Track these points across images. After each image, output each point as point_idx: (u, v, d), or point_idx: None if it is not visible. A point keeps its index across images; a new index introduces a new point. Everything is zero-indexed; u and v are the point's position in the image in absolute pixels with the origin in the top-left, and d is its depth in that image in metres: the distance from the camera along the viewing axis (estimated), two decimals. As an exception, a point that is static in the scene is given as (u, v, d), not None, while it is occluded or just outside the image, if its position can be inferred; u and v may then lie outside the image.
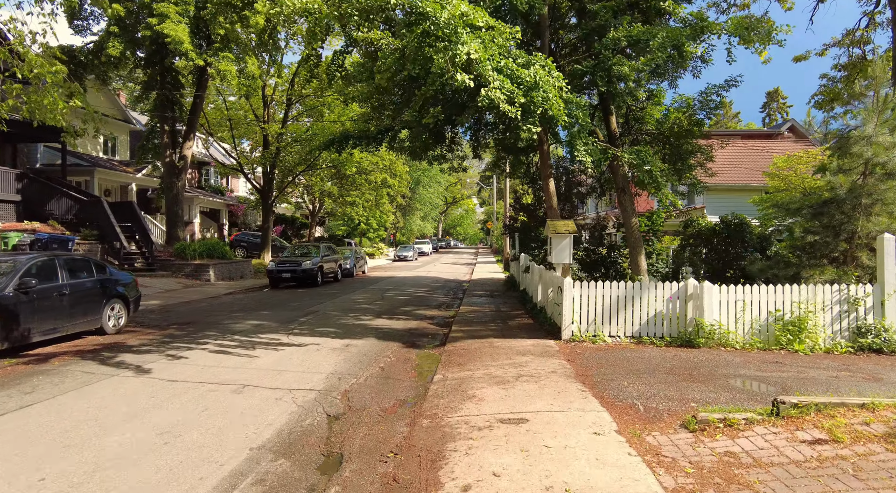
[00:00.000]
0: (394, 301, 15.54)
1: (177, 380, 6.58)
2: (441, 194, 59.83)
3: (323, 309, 13.51)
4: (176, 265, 20.78)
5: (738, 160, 29.02)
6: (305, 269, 19.54)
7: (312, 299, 15.74)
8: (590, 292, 9.06)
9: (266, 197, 27.43)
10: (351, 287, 19.88)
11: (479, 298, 16.25)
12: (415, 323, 11.52)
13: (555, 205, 11.80)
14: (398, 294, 17.56)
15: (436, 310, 13.85)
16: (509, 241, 24.33)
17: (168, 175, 22.64)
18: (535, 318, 11.64)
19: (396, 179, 34.87)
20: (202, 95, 23.44)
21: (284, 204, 33.44)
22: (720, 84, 13.86)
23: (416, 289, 19.44)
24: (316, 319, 11.87)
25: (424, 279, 24.29)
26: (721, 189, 25.76)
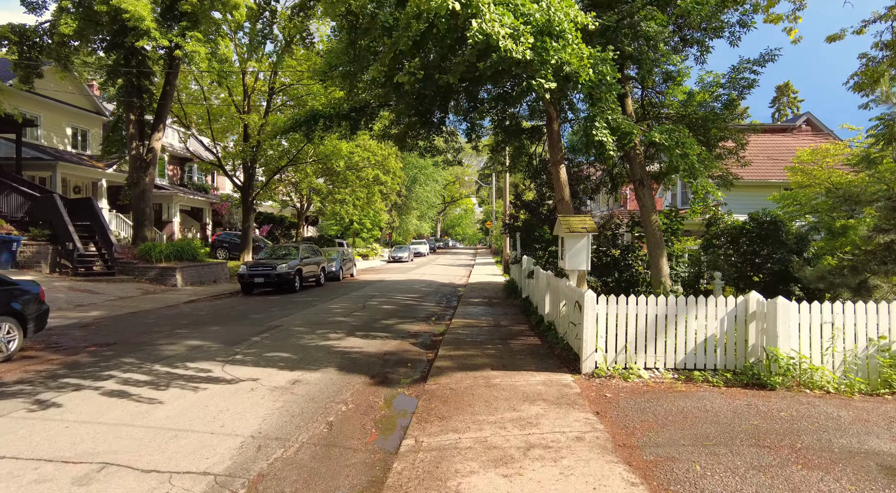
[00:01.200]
0: (376, 312, 13.21)
1: (2, 456, 4.26)
2: (438, 193, 57.48)
3: (288, 323, 11.19)
4: (139, 269, 18.45)
5: (752, 155, 26.48)
6: (280, 273, 17.21)
7: (282, 309, 13.42)
8: (619, 310, 6.75)
9: (247, 194, 25.11)
10: (332, 293, 17.55)
11: (476, 307, 13.92)
12: (394, 344, 9.20)
13: (567, 197, 9.50)
14: (383, 302, 15.23)
15: (423, 324, 11.53)
16: (509, 241, 22.00)
17: (135, 169, 20.31)
18: (543, 337, 9.33)
19: (390, 175, 32.54)
20: (174, 81, 21.11)
21: (269, 201, 31.12)
22: (755, 59, 11.60)
23: (405, 295, 17.11)
24: (273, 338, 9.54)
25: (417, 283, 21.96)
26: (738, 185, 23.48)
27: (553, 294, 9.73)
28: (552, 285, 9.80)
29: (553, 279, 9.71)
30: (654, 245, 10.41)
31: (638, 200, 11.02)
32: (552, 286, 9.81)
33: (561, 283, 8.58)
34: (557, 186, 9.46)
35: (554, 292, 9.60)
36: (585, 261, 8.40)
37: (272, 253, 19.33)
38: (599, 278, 14.25)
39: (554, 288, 9.56)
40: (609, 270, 14.17)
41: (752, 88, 11.98)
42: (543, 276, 10.86)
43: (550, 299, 10.11)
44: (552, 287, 9.81)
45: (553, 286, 9.67)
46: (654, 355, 6.71)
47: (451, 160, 18.92)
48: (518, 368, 7.04)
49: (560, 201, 9.42)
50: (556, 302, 9.30)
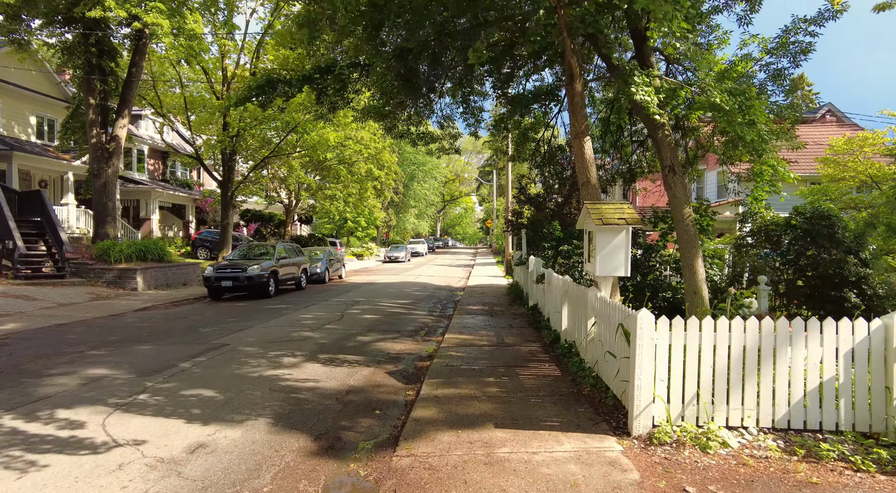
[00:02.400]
0: (354, 323, 10.89)
1: None
2: (437, 190, 55.10)
3: (239, 340, 8.87)
4: (95, 270, 16.16)
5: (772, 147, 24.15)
6: (251, 275, 14.89)
7: (243, 320, 11.11)
8: (687, 339, 4.43)
9: (226, 188, 22.80)
10: (311, 299, 15.22)
11: (475, 316, 11.60)
12: (364, 374, 6.87)
13: (593, 179, 7.18)
14: (366, 311, 12.90)
15: (409, 340, 9.20)
16: (512, 240, 19.67)
17: (95, 160, 18.02)
18: (562, 363, 7.02)
19: (384, 170, 30.24)
20: (140, 62, 18.81)
21: (255, 198, 28.81)
22: (811, 17, 9.33)
23: (394, 302, 14.78)
24: (208, 363, 7.23)
25: (410, 287, 19.63)
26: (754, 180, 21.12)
27: (574, 307, 7.40)
28: (572, 295, 7.48)
29: (574, 288, 7.38)
30: (688, 244, 8.12)
31: (668, 189, 8.70)
32: (572, 296, 7.49)
33: (589, 294, 6.25)
34: (581, 165, 7.13)
35: (575, 303, 7.28)
36: (624, 264, 6.07)
37: (246, 253, 17.01)
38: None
39: (575, 299, 7.23)
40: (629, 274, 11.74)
41: (807, 54, 9.65)
42: (559, 282, 8.53)
43: (570, 312, 7.78)
44: (572, 298, 7.49)
45: (574, 297, 7.34)
46: (742, 408, 4.39)
47: (447, 148, 16.63)
48: (534, 423, 4.71)
49: (585, 185, 7.10)
50: (579, 317, 6.98)
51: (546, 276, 10.10)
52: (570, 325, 7.76)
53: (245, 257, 16.72)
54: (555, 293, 9.16)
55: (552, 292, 9.50)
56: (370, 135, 28.68)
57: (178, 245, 27.91)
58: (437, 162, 49.87)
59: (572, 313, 7.60)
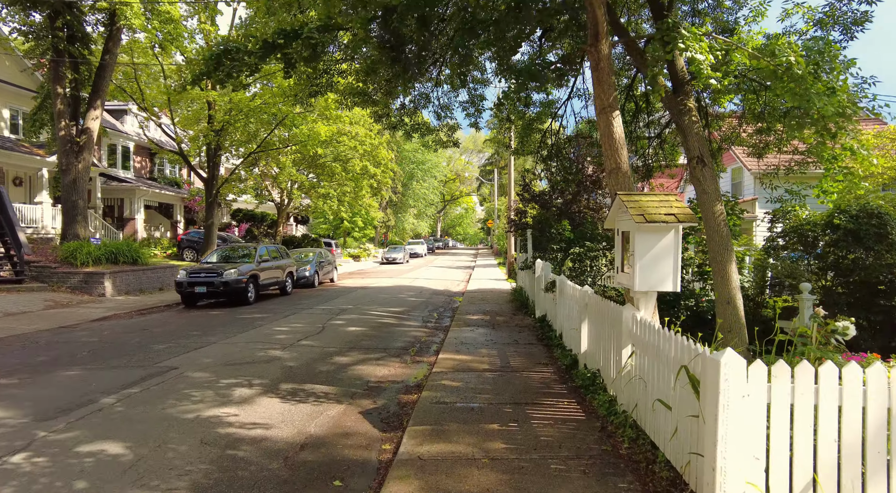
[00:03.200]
0: (334, 339, 9.35)
1: None
2: (437, 190, 53.52)
3: (191, 362, 7.33)
4: (59, 274, 14.64)
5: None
6: (228, 280, 13.35)
7: (207, 334, 9.58)
8: (796, 398, 2.87)
9: (210, 186, 21.28)
10: (294, 307, 13.68)
11: (474, 329, 10.05)
12: (331, 414, 5.33)
13: (624, 164, 5.62)
14: (352, 322, 11.37)
15: (395, 362, 7.66)
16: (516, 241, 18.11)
17: (64, 153, 16.51)
18: (585, 401, 5.47)
19: (380, 168, 28.71)
20: (114, 49, 17.30)
21: (245, 196, 27.29)
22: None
23: (386, 310, 13.23)
24: (138, 398, 5.69)
25: (405, 291, 18.08)
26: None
27: (598, 326, 5.86)
28: (596, 311, 5.93)
29: (598, 303, 5.84)
30: (719, 246, 6.64)
31: (696, 184, 7.19)
32: (596, 313, 5.94)
33: (624, 315, 4.70)
34: (608, 146, 5.58)
35: (600, 322, 5.73)
36: (672, 275, 4.52)
37: (227, 255, 15.47)
38: None
39: (601, 317, 5.69)
40: None
41: (863, 25, 8.10)
42: (576, 293, 6.98)
43: (592, 331, 6.23)
44: (596, 314, 5.94)
45: (599, 314, 5.79)
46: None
47: (444, 141, 15.10)
48: (561, 514, 3.16)
49: (614, 172, 5.55)
50: (606, 340, 5.44)
51: (558, 284, 8.55)
52: (592, 347, 6.21)
53: (225, 259, 15.19)
54: (569, 305, 7.62)
55: (566, 304, 7.95)
56: (365, 130, 27.17)
57: (164, 246, 26.41)
58: (437, 161, 48.35)
59: (595, 332, 6.05)
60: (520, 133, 14.91)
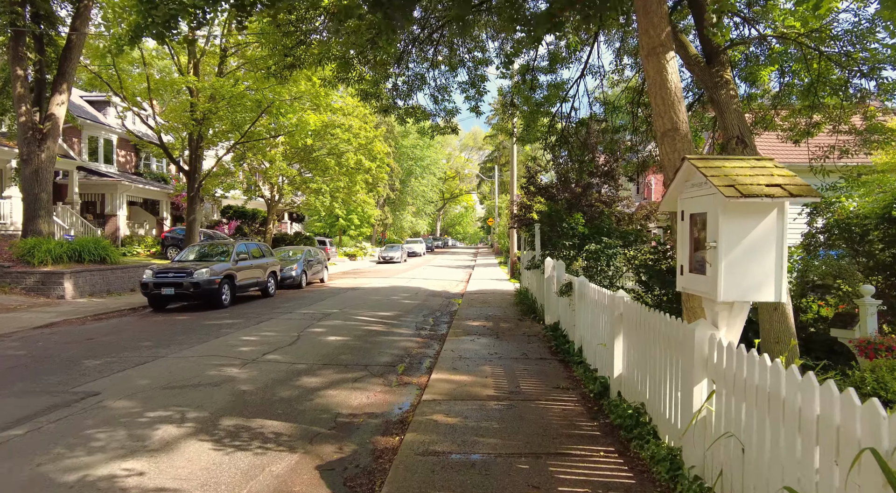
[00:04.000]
0: (307, 352, 7.81)
1: None
2: (436, 187, 51.90)
3: (119, 386, 5.80)
4: (13, 274, 13.11)
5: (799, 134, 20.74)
6: (199, 281, 11.82)
7: (160, 344, 8.04)
8: None
9: (192, 179, 19.72)
10: (273, 310, 12.15)
11: (475, 339, 8.51)
12: (276, 470, 3.81)
13: (681, 121, 4.09)
14: (334, 329, 9.83)
15: (376, 386, 6.11)
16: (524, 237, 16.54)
17: (25, 142, 14.96)
18: (629, 450, 3.92)
19: (376, 162, 27.15)
20: (82, 28, 15.74)
21: (233, 191, 25.72)
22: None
23: (375, 315, 11.69)
24: (13, 446, 4.16)
25: (400, 292, 16.54)
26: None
27: (641, 344, 4.33)
28: (636, 324, 4.40)
29: (643, 314, 4.30)
30: None
31: None
32: (635, 327, 4.40)
33: (697, 336, 3.15)
34: (661, 100, 4.04)
35: (644, 340, 4.20)
36: (774, 278, 2.97)
37: (201, 253, 13.92)
38: (651, 291, 8.89)
39: (645, 333, 4.16)
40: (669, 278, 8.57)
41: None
42: (604, 299, 5.45)
43: (630, 350, 4.70)
44: (636, 329, 4.40)
45: (641, 328, 4.25)
46: None
47: (442, 127, 13.59)
48: None
49: (670, 134, 4.02)
50: (659, 366, 3.91)
51: (576, 287, 7.01)
52: (632, 372, 4.67)
53: (200, 257, 13.66)
54: (593, 314, 6.08)
55: (587, 311, 6.42)
56: (360, 123, 25.64)
57: (148, 244, 24.89)
58: (436, 157, 46.79)
59: (637, 353, 4.52)
60: (526, 118, 13.36)
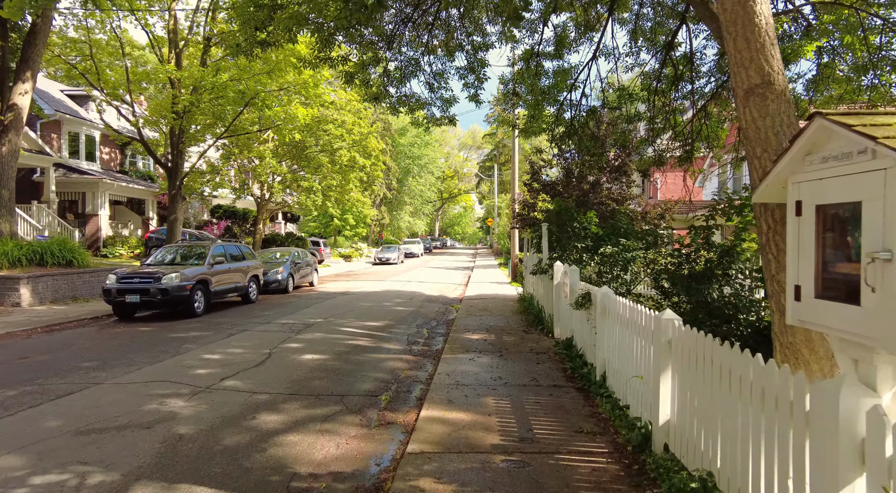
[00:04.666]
0: (272, 377, 6.53)
1: None
2: (434, 187, 50.58)
3: (16, 431, 4.53)
4: (-34, 279, 11.81)
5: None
6: (167, 287, 10.54)
7: (107, 365, 6.77)
8: None
9: (173, 176, 18.42)
10: (249, 320, 10.87)
11: (475, 359, 7.24)
12: None
13: (779, 74, 2.82)
14: (313, 344, 8.56)
15: (350, 428, 4.85)
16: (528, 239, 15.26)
17: (-14, 135, 13.67)
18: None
19: (370, 160, 25.88)
20: (47, 12, 14.44)
21: (220, 191, 24.40)
22: None
23: (362, 325, 10.42)
24: None
25: (394, 297, 15.28)
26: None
27: (710, 393, 3.06)
28: (695, 359, 3.14)
29: (712, 349, 3.03)
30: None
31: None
32: (695, 362, 3.14)
33: (818, 400, 1.90)
34: (746, 43, 2.78)
35: (720, 393, 2.94)
36: None
37: (173, 255, 12.63)
38: (668, 298, 7.64)
39: (718, 378, 2.90)
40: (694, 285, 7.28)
41: None
42: (644, 322, 4.20)
43: (685, 393, 3.43)
44: (698, 368, 3.14)
45: (709, 368, 2.99)
46: None
47: (438, 118, 12.31)
48: None
49: (759, 91, 2.76)
50: (752, 434, 2.65)
51: (597, 300, 5.75)
52: (690, 422, 3.41)
53: (174, 260, 12.38)
54: (623, 335, 4.83)
55: (613, 330, 5.17)
56: (354, 118, 24.37)
57: (132, 245, 23.65)
58: (435, 156, 45.51)
59: (697, 396, 3.26)
60: (530, 107, 12.07)
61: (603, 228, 9.29)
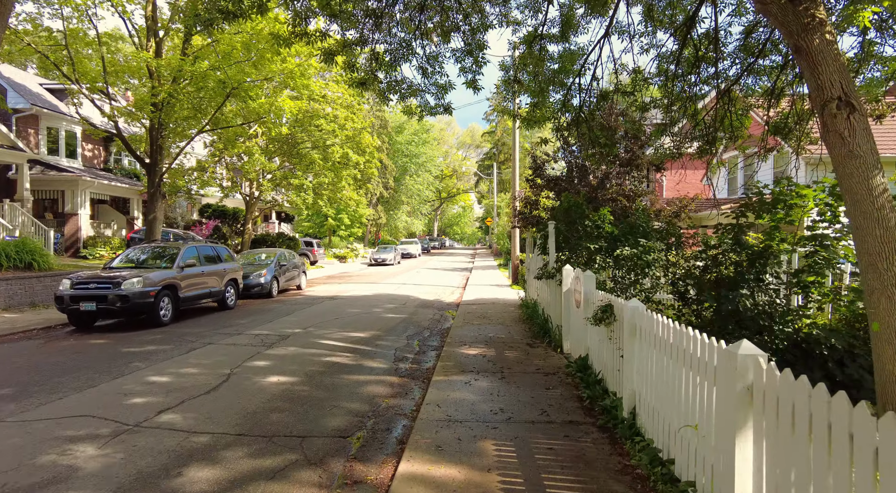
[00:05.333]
0: (222, 410, 5.34)
1: None
2: (432, 185, 49.33)
3: None
4: None
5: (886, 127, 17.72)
6: (127, 293, 9.34)
7: (27, 392, 5.58)
8: None
9: (152, 172, 17.21)
10: (219, 331, 9.68)
11: (471, 382, 6.05)
12: None
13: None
14: (282, 362, 7.37)
15: (306, 488, 3.63)
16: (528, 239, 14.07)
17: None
18: None
19: (364, 156, 24.68)
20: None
21: (208, 188, 23.18)
22: None
23: (344, 336, 9.23)
24: None
25: (385, 302, 14.08)
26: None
27: (842, 483, 1.87)
28: (814, 419, 1.95)
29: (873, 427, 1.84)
30: (882, 245, 2.63)
31: (833, 144, 3.23)
32: (799, 424, 1.96)
33: None
34: None
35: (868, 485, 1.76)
36: None
37: (140, 257, 11.43)
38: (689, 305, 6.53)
39: (870, 466, 1.72)
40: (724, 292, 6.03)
41: None
42: (700, 352, 3.00)
43: (783, 474, 2.23)
44: (807, 436, 1.96)
45: (864, 452, 1.81)
46: None
47: (433, 106, 11.08)
48: None
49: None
50: None
51: (625, 316, 4.55)
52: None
53: (142, 262, 11.18)
54: (664, 364, 3.64)
55: (649, 356, 3.98)
56: (347, 113, 23.17)
57: (114, 246, 22.45)
58: (433, 154, 44.32)
59: (813, 482, 2.07)
60: (534, 94, 10.84)
61: (618, 226, 8.09)
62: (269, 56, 14.04)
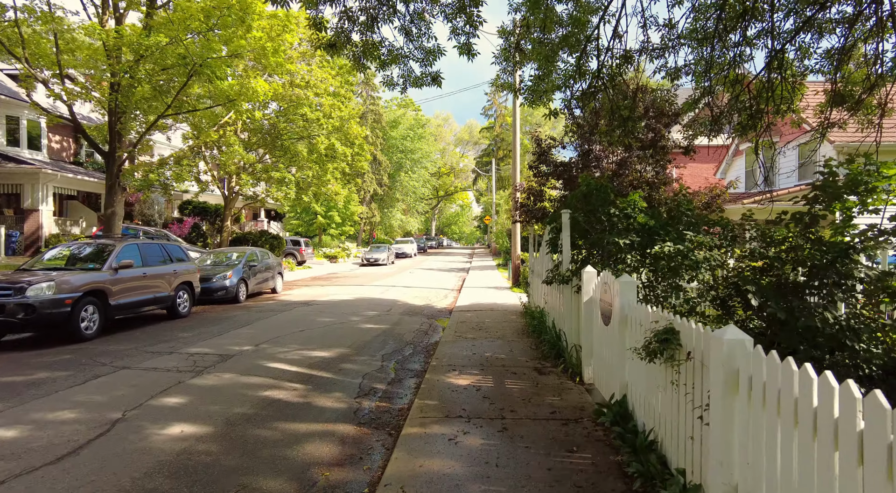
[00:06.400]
0: (72, 490, 3.36)
1: None
2: (429, 183, 47.33)
3: None
4: None
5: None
6: (33, 302, 7.40)
7: None
8: None
9: (111, 161, 15.27)
10: (150, 347, 7.74)
11: (457, 440, 4.13)
12: None
13: None
14: (202, 400, 5.44)
15: None
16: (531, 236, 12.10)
17: None
18: None
19: (353, 148, 22.75)
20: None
21: (186, 183, 21.22)
22: None
23: (305, 356, 7.29)
24: None
25: (366, 308, 12.15)
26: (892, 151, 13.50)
27: None
28: None
29: None
30: None
31: None
32: None
33: None
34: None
35: None
36: None
37: (69, 256, 9.49)
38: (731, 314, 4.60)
39: None
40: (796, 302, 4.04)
41: None
42: None
43: None
44: None
45: None
46: None
47: (420, 76, 9.13)
48: None
49: None
50: None
51: (724, 356, 2.62)
52: None
53: (72, 263, 9.26)
54: (824, 460, 1.70)
55: (765, 431, 2.03)
56: (332, 101, 21.26)
57: (80, 245, 20.39)
58: (429, 150, 42.37)
59: None
60: (542, 59, 8.86)
61: (652, 216, 6.19)
62: (229, 22, 12.10)
